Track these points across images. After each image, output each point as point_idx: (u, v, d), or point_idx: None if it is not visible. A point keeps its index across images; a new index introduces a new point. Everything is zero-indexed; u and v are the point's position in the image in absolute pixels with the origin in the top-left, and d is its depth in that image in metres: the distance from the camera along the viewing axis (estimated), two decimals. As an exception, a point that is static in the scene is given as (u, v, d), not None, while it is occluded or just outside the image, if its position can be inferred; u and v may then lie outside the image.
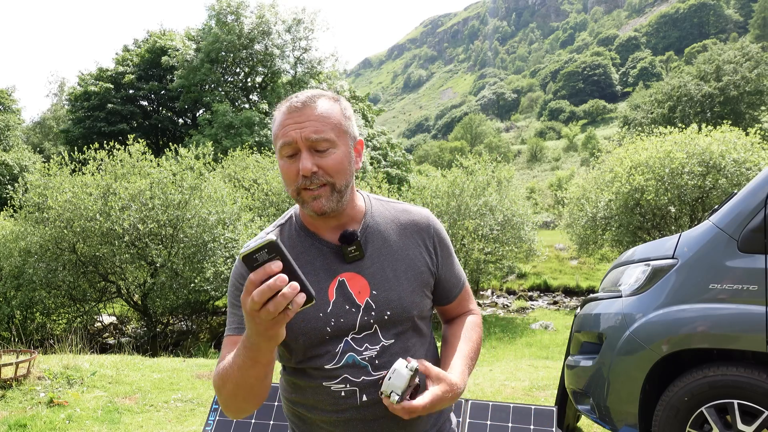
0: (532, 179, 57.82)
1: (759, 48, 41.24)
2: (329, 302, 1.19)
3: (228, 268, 10.77)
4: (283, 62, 31.16)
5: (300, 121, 1.15)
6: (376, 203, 1.32)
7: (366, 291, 1.21)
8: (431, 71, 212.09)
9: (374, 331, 1.20)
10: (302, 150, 1.14)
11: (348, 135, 1.21)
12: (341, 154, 1.17)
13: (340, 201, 1.19)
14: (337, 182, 1.17)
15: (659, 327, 2.70)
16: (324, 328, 1.18)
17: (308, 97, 1.18)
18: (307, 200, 1.16)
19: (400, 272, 1.24)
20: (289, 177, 1.17)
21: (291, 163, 1.16)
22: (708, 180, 12.52)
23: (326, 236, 1.24)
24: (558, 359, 7.97)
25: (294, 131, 1.14)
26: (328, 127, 1.16)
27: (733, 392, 2.53)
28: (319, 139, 1.14)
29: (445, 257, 1.33)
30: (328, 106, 1.18)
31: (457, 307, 1.39)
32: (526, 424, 2.92)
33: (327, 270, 1.21)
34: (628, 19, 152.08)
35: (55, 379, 5.11)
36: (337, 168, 1.16)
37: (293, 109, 1.16)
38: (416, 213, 1.32)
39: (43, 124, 42.52)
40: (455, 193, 13.88)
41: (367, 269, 1.22)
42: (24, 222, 11.56)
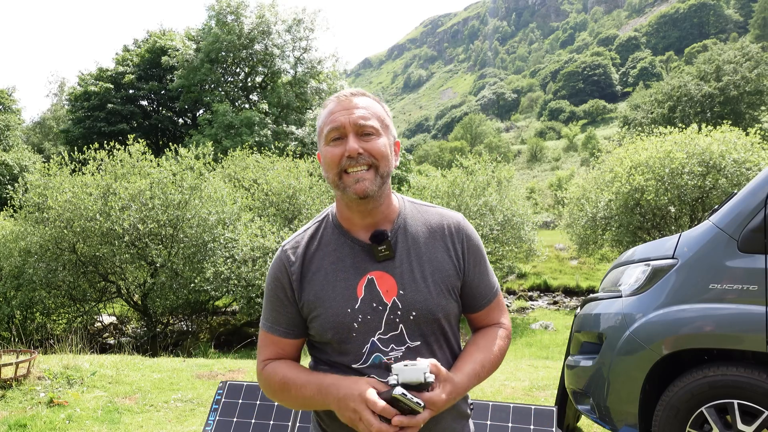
0: (532, 179, 57.81)
1: (759, 48, 41.22)
2: (357, 299, 1.23)
3: (228, 268, 10.78)
4: (283, 62, 31.16)
5: (348, 107, 1.23)
6: (409, 205, 1.35)
7: (393, 290, 1.24)
8: (431, 71, 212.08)
9: (400, 332, 1.23)
10: (349, 134, 1.21)
11: (389, 130, 1.28)
12: (384, 142, 1.24)
13: (382, 187, 1.23)
14: (381, 166, 1.22)
15: (659, 327, 2.70)
16: (351, 323, 1.22)
17: (355, 90, 1.27)
18: (349, 184, 1.20)
19: (428, 274, 1.26)
20: (332, 160, 1.21)
21: (337, 146, 1.22)
22: (708, 180, 12.52)
23: (359, 235, 1.28)
24: (558, 359, 7.98)
25: (343, 116, 1.22)
26: (373, 116, 1.24)
27: (733, 392, 2.53)
28: (365, 125, 1.21)
29: (475, 264, 1.33)
30: (373, 102, 1.28)
31: (486, 317, 1.38)
32: (526, 424, 2.92)
33: (357, 267, 1.25)
34: (628, 19, 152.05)
35: (55, 379, 5.11)
36: (381, 152, 1.22)
37: (342, 98, 1.25)
38: (448, 217, 1.34)
39: (43, 124, 42.51)
40: (455, 193, 13.88)
41: (396, 269, 1.25)
42: (24, 222, 11.56)
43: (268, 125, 27.09)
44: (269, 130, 26.66)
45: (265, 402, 3.28)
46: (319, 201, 14.00)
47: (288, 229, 12.57)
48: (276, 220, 13.27)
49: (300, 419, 3.18)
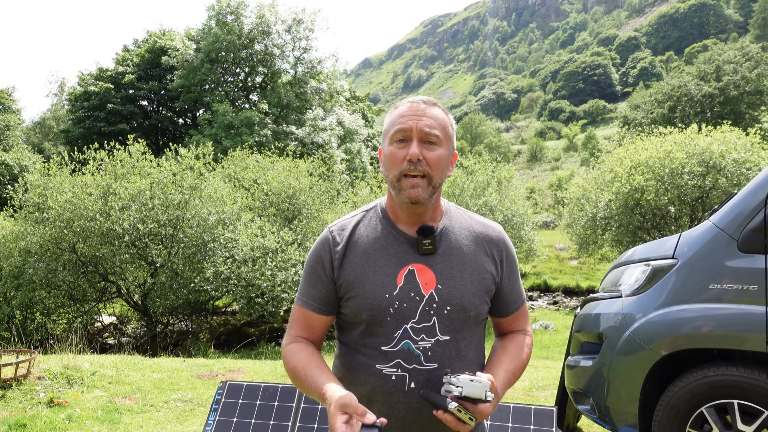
0: (532, 179, 57.80)
1: (759, 48, 41.21)
2: (396, 286, 1.30)
3: (228, 268, 10.77)
4: (283, 62, 31.14)
5: (418, 114, 1.30)
6: (455, 210, 1.44)
7: (432, 283, 1.30)
8: (431, 71, 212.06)
9: (432, 324, 1.29)
10: (414, 139, 1.28)
11: (450, 142, 1.35)
12: (443, 154, 1.31)
13: (432, 195, 1.31)
14: (435, 177, 1.29)
15: (659, 327, 2.70)
16: (387, 308, 1.28)
17: (428, 99, 1.34)
18: (405, 187, 1.28)
19: (467, 274, 1.33)
20: (394, 161, 1.29)
21: (400, 148, 1.29)
22: (708, 180, 12.51)
23: (405, 228, 1.35)
24: (558, 359, 7.98)
25: (412, 121, 1.29)
26: (439, 127, 1.31)
27: (733, 392, 2.53)
28: (430, 133, 1.28)
29: (509, 272, 1.42)
30: (442, 113, 1.34)
31: (512, 323, 1.47)
32: (526, 424, 2.92)
33: (400, 257, 1.32)
34: (628, 19, 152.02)
35: (55, 379, 5.11)
36: (438, 164, 1.30)
37: (414, 105, 1.32)
38: (490, 226, 1.43)
39: (43, 124, 42.49)
40: (455, 193, 13.88)
41: (437, 264, 1.32)
42: (24, 222, 11.55)
43: (268, 125, 27.08)
44: (269, 130, 26.64)
45: (265, 402, 3.28)
46: (319, 201, 14.00)
47: (288, 229, 12.57)
48: (276, 220, 13.27)
49: (300, 419, 3.18)
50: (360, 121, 31.43)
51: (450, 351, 1.30)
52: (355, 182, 17.85)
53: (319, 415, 3.17)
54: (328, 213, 13.92)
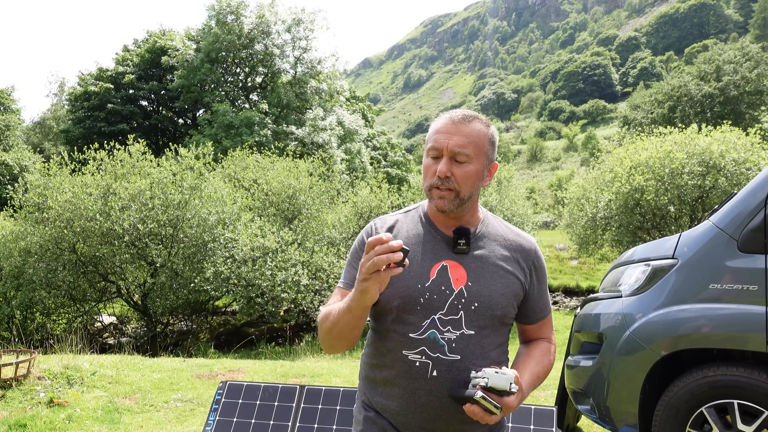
0: (532, 179, 57.80)
1: (759, 48, 41.20)
2: (429, 279, 1.38)
3: (227, 268, 10.77)
4: (283, 62, 31.13)
5: (451, 132, 1.37)
6: (492, 219, 1.52)
7: (463, 280, 1.39)
8: (431, 71, 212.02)
9: (459, 317, 1.37)
10: (444, 156, 1.37)
11: (485, 157, 1.41)
12: (473, 170, 1.38)
13: (461, 206, 1.40)
14: (462, 191, 1.38)
15: (659, 327, 2.70)
16: (418, 298, 1.37)
17: (465, 115, 1.40)
18: (434, 197, 1.39)
19: (497, 276, 1.41)
20: (427, 173, 1.41)
21: (433, 163, 1.39)
22: (708, 180, 12.51)
23: (443, 228, 1.45)
24: (558, 359, 7.97)
25: (444, 139, 1.37)
26: (471, 145, 1.37)
27: (733, 392, 2.53)
28: (459, 152, 1.36)
29: (538, 281, 1.49)
30: (479, 128, 1.40)
31: (537, 330, 1.54)
32: (526, 424, 2.92)
33: (435, 253, 1.41)
34: (628, 19, 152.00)
35: (55, 379, 5.11)
36: (465, 180, 1.38)
37: (451, 121, 1.39)
38: (524, 237, 1.51)
39: (43, 124, 42.49)
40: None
41: (469, 263, 1.40)
42: (24, 222, 11.55)
43: (268, 125, 27.07)
44: (269, 130, 26.63)
45: (265, 402, 3.28)
46: (319, 201, 14.01)
47: (288, 229, 12.57)
48: (276, 220, 13.27)
49: (300, 419, 3.18)
50: (360, 121, 31.42)
51: (473, 346, 1.36)
52: (355, 182, 17.83)
53: (319, 415, 3.17)
54: (328, 213, 13.92)
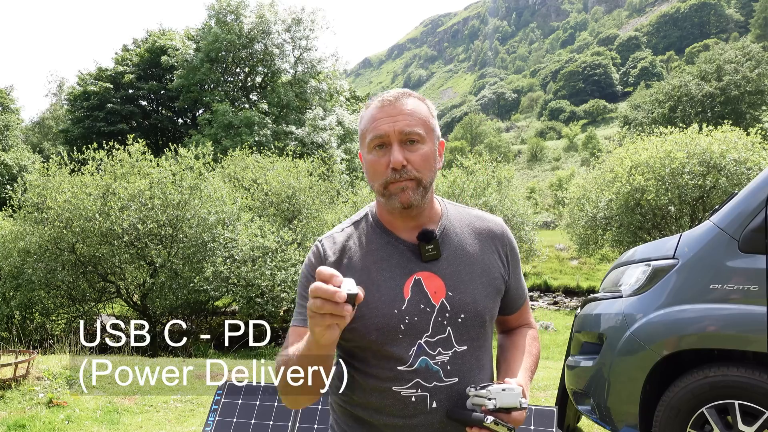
0: (533, 179, 57.81)
1: (760, 48, 41.18)
2: (404, 300, 1.19)
3: (227, 268, 10.76)
4: (283, 62, 31.14)
5: (392, 114, 1.18)
6: (451, 207, 1.34)
7: (442, 292, 1.21)
8: (431, 71, 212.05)
9: (447, 335, 1.20)
10: (393, 143, 1.17)
11: (434, 133, 1.24)
12: (428, 150, 1.20)
13: (425, 197, 1.21)
14: (424, 177, 1.19)
15: (660, 327, 2.69)
16: (398, 325, 1.18)
17: (399, 93, 1.22)
18: (395, 192, 1.18)
19: (476, 276, 1.25)
20: (377, 170, 1.19)
21: (380, 156, 1.18)
22: (708, 180, 12.50)
23: (403, 235, 1.25)
24: (558, 359, 7.97)
25: (386, 124, 1.18)
26: (418, 122, 1.19)
27: (734, 393, 2.52)
28: (410, 132, 1.17)
29: (514, 267, 1.35)
30: (418, 103, 1.23)
31: (517, 318, 1.41)
32: (526, 424, 2.91)
33: (403, 268, 1.22)
34: (629, 18, 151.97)
35: (54, 379, 5.10)
36: (425, 163, 1.19)
37: (386, 103, 1.20)
38: (491, 220, 1.34)
39: (42, 124, 42.51)
40: (455, 193, 13.87)
41: (443, 270, 1.22)
42: (23, 222, 11.54)
43: (268, 125, 27.08)
44: (269, 130, 26.64)
45: (265, 402, 3.27)
46: (319, 201, 14.00)
47: (288, 229, 12.57)
48: (276, 220, 13.26)
49: (300, 420, 3.17)
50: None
51: (469, 362, 1.21)
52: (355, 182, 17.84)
53: (319, 416, 3.17)
54: (328, 213, 13.92)
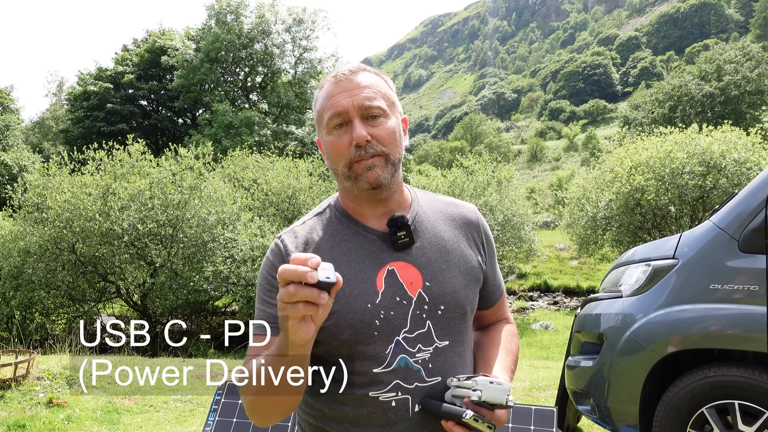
0: (533, 179, 57.81)
1: (760, 48, 41.18)
2: (378, 293, 1.08)
3: (227, 267, 10.76)
4: (283, 62, 31.16)
5: (350, 88, 1.08)
6: (421, 194, 1.24)
7: (418, 282, 1.10)
8: (431, 71, 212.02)
9: (427, 330, 1.10)
10: (354, 118, 1.07)
11: (395, 107, 1.14)
12: (394, 124, 1.10)
13: (394, 175, 1.10)
14: (392, 153, 1.09)
15: (660, 327, 2.69)
16: (372, 321, 1.06)
17: (355, 67, 1.12)
18: (361, 172, 1.07)
19: (453, 264, 1.15)
20: (339, 150, 1.08)
21: (341, 134, 1.08)
22: (708, 180, 12.50)
23: (371, 224, 1.14)
24: (558, 359, 7.97)
25: (345, 99, 1.07)
26: (378, 95, 1.09)
27: (734, 393, 2.52)
28: (371, 106, 1.07)
29: (490, 256, 1.25)
30: (375, 78, 1.13)
31: (495, 313, 1.30)
32: (527, 424, 2.91)
33: (374, 258, 1.11)
34: (629, 18, 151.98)
35: (54, 379, 5.10)
36: (391, 138, 1.09)
37: (341, 78, 1.10)
38: (465, 207, 1.26)
39: (42, 124, 42.53)
40: (455, 193, 13.88)
41: (418, 259, 1.12)
42: (23, 222, 11.55)
43: (268, 125, 27.08)
44: (269, 130, 26.65)
45: (264, 402, 3.27)
46: (319, 201, 14.00)
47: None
48: (276, 219, 13.26)
49: (299, 420, 3.17)
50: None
51: (452, 358, 1.11)
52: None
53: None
54: (328, 213, 13.92)
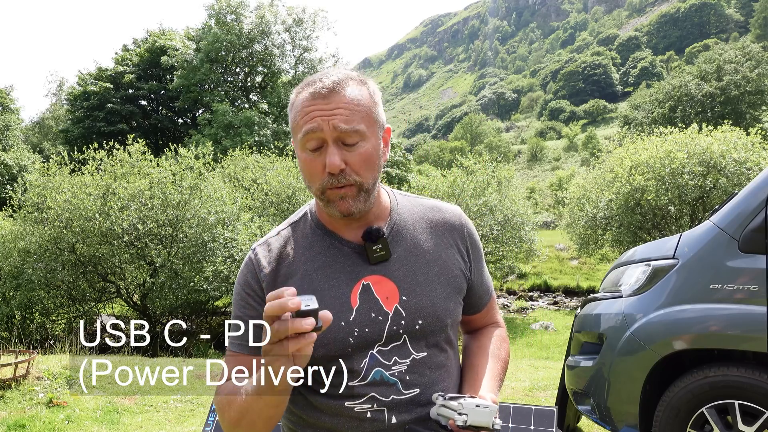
0: (533, 179, 57.82)
1: (760, 48, 41.21)
2: (352, 309, 1.05)
3: (227, 267, 10.76)
4: (283, 62, 31.18)
5: (327, 109, 1.00)
6: (402, 199, 1.18)
7: (395, 297, 1.07)
8: (431, 71, 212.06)
9: (403, 342, 1.07)
10: (329, 143, 1.00)
11: (377, 124, 1.06)
12: (371, 148, 1.03)
13: (368, 201, 1.06)
14: (365, 181, 1.04)
15: (660, 327, 2.69)
16: (346, 338, 1.04)
17: (335, 81, 1.02)
18: (333, 200, 1.03)
19: (432, 276, 1.11)
20: (313, 173, 1.03)
21: (316, 156, 1.02)
22: (708, 180, 12.50)
23: (347, 236, 1.10)
24: (558, 359, 7.97)
25: (321, 119, 1.00)
26: (358, 116, 1.01)
27: (734, 393, 2.52)
28: (348, 131, 1.00)
29: (476, 261, 1.20)
30: (357, 91, 1.03)
31: (484, 317, 1.27)
32: (527, 424, 2.91)
33: (349, 273, 1.07)
34: (629, 18, 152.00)
35: (54, 379, 5.11)
36: (367, 164, 1.03)
37: (318, 95, 1.01)
38: (447, 210, 1.19)
39: (42, 124, 42.54)
40: (455, 193, 13.88)
41: (395, 272, 1.09)
42: (23, 222, 11.55)
43: (268, 125, 27.09)
44: (269, 130, 26.66)
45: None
46: (319, 201, 14.01)
47: (288, 229, 12.59)
48: (276, 219, 13.27)
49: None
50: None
51: (431, 370, 1.08)
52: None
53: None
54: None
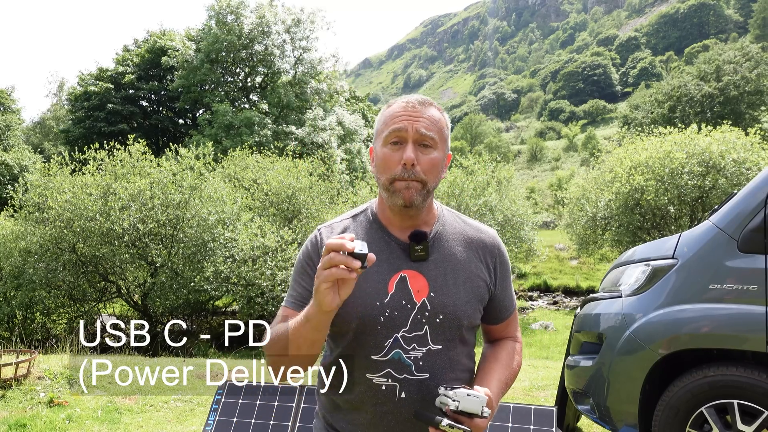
0: (532, 179, 57.80)
1: (759, 48, 41.22)
2: (388, 294, 1.26)
3: (227, 267, 10.77)
4: (283, 62, 31.14)
5: (414, 115, 1.24)
6: (448, 214, 1.39)
7: (425, 291, 1.27)
8: (431, 71, 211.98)
9: (424, 333, 1.26)
10: (409, 141, 1.23)
11: (446, 144, 1.30)
12: (438, 158, 1.26)
13: (425, 199, 1.27)
14: (429, 182, 1.25)
15: (659, 327, 2.70)
16: (378, 317, 1.24)
17: (423, 101, 1.28)
18: (400, 189, 1.23)
19: (460, 281, 1.30)
20: (388, 164, 1.24)
21: (394, 150, 1.24)
22: (708, 180, 12.51)
23: (397, 234, 1.31)
24: (558, 359, 7.98)
25: (407, 121, 1.23)
26: (435, 128, 1.26)
27: (733, 392, 2.53)
28: (427, 135, 1.23)
29: (503, 278, 1.39)
30: (438, 114, 1.28)
31: (503, 329, 1.44)
32: (526, 424, 2.92)
33: (391, 263, 1.28)
34: (628, 19, 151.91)
35: (55, 379, 5.11)
36: (433, 169, 1.25)
37: (410, 104, 1.26)
38: (484, 232, 1.39)
39: (43, 124, 42.52)
40: (455, 193, 13.87)
41: (429, 271, 1.28)
42: (24, 222, 11.56)
43: (268, 125, 27.07)
44: (269, 130, 26.63)
45: (265, 402, 3.28)
46: (319, 201, 14.01)
47: (288, 229, 12.58)
48: (276, 219, 13.27)
49: (300, 419, 3.18)
50: (360, 121, 31.43)
51: (442, 360, 1.27)
52: (355, 182, 17.85)
53: (319, 415, 3.17)
54: (328, 213, 13.93)
